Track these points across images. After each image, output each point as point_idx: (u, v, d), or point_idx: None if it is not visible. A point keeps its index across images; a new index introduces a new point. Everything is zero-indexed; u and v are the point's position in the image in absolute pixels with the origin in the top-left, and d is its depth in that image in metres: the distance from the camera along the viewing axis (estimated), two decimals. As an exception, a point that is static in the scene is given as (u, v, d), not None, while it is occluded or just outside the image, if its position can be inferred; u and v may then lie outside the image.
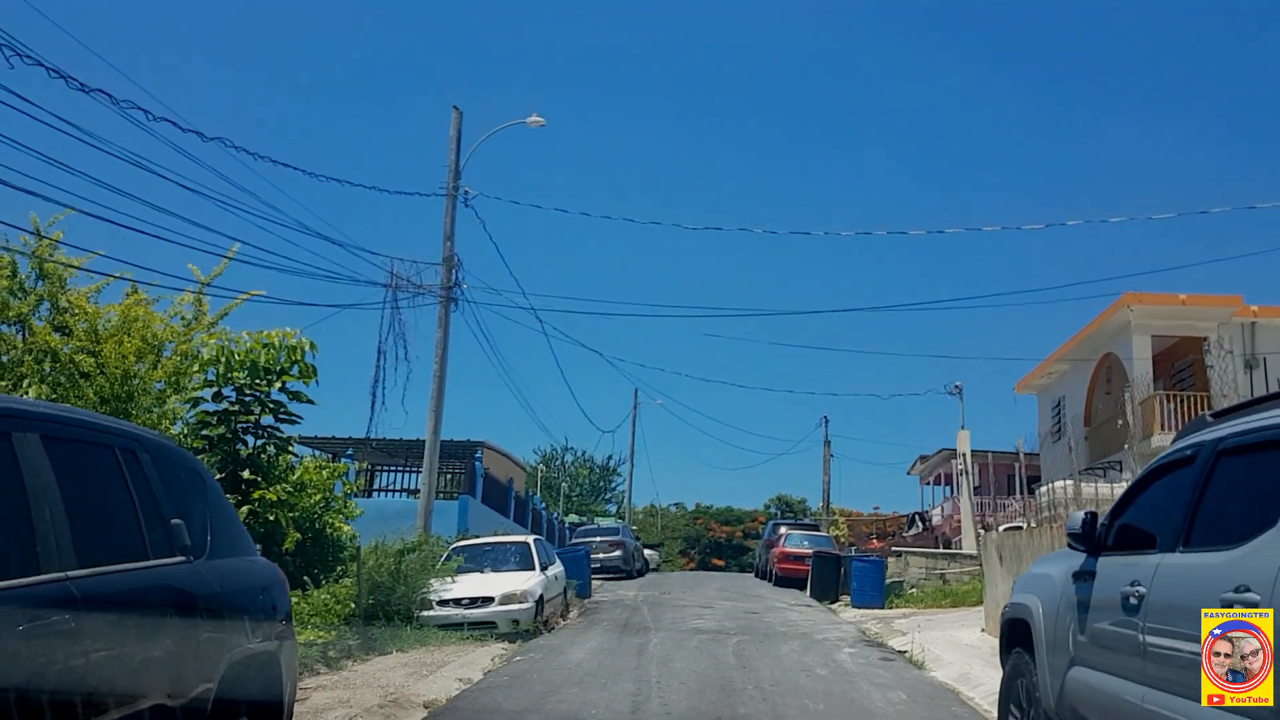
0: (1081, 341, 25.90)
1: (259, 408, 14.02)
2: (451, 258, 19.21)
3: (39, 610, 2.94)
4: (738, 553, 57.17)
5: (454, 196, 19.33)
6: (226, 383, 13.94)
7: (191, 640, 3.74)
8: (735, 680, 9.95)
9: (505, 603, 14.16)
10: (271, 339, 14.07)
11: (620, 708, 8.34)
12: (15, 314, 13.25)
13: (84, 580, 3.17)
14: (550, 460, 53.16)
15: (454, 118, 19.81)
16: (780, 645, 13.11)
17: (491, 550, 16.41)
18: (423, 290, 17.99)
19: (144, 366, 13.63)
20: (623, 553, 29.86)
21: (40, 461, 3.16)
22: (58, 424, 3.44)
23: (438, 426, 19.02)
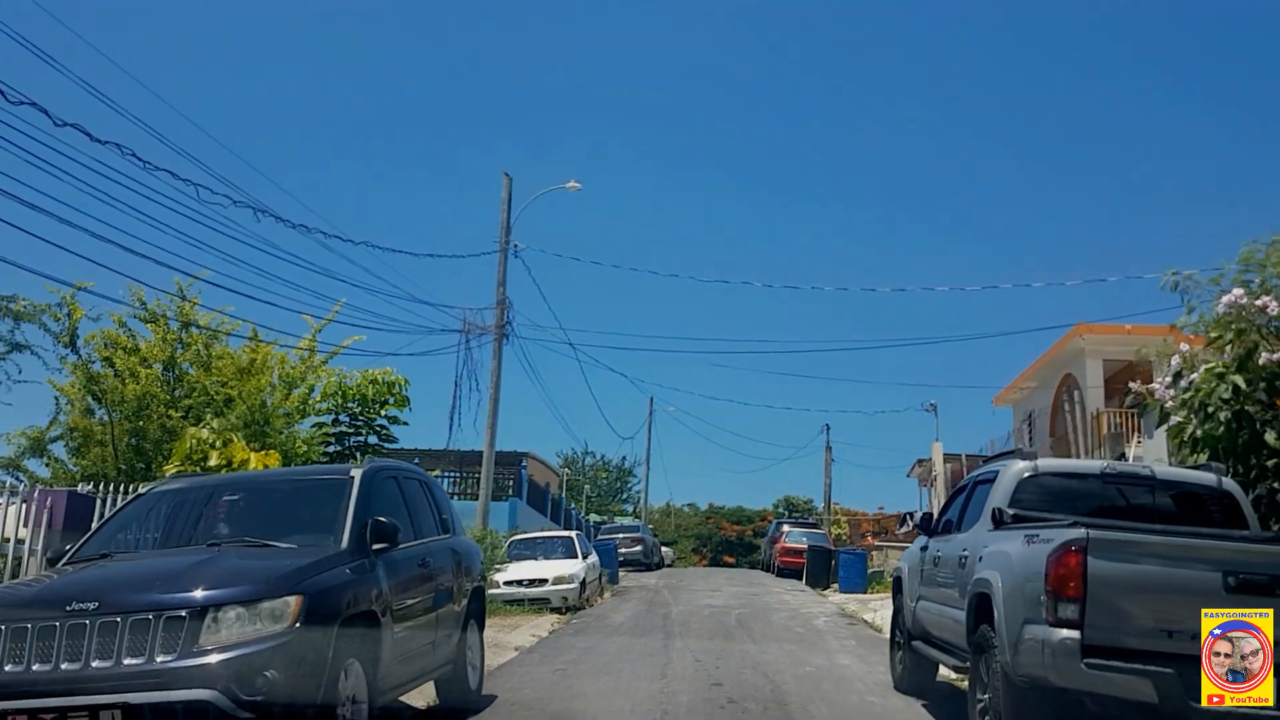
0: (1045, 364, 29.57)
1: (366, 430, 18.04)
2: (504, 301, 23.10)
3: (414, 555, 6.78)
4: (748, 550, 60.69)
5: (505, 250, 23.21)
6: (343, 410, 17.98)
7: (459, 575, 7.59)
8: (735, 633, 13.80)
9: (557, 583, 18.01)
10: (376, 376, 18.10)
11: (656, 645, 12.21)
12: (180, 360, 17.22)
13: (425, 544, 7.03)
14: (572, 463, 57.05)
15: (505, 183, 23.71)
16: (772, 615, 16.94)
17: (542, 542, 20.29)
18: (485, 331, 21.90)
19: (274, 397, 17.64)
20: (643, 547, 33.78)
21: (401, 492, 7.02)
22: (405, 473, 7.33)
23: (493, 440, 22.90)
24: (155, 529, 6.28)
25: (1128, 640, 5.21)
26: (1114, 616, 5.21)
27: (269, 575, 5.12)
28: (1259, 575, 5.21)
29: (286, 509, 6.39)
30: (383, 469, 6.99)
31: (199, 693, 4.60)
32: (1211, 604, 5.15)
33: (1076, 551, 5.24)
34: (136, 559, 5.79)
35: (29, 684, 4.64)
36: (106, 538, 6.19)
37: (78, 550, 6.06)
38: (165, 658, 4.67)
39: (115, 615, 4.74)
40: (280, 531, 5.99)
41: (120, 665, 4.65)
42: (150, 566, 5.48)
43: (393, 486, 6.93)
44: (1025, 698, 5.57)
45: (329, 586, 5.34)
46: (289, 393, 17.65)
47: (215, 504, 6.40)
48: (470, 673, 7.78)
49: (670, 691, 8.71)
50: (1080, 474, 7.30)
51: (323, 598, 5.20)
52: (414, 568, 6.60)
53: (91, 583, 5.12)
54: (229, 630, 4.79)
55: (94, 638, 4.68)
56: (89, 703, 4.56)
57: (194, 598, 4.85)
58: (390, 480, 6.95)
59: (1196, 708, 5.04)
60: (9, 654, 4.71)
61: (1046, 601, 5.31)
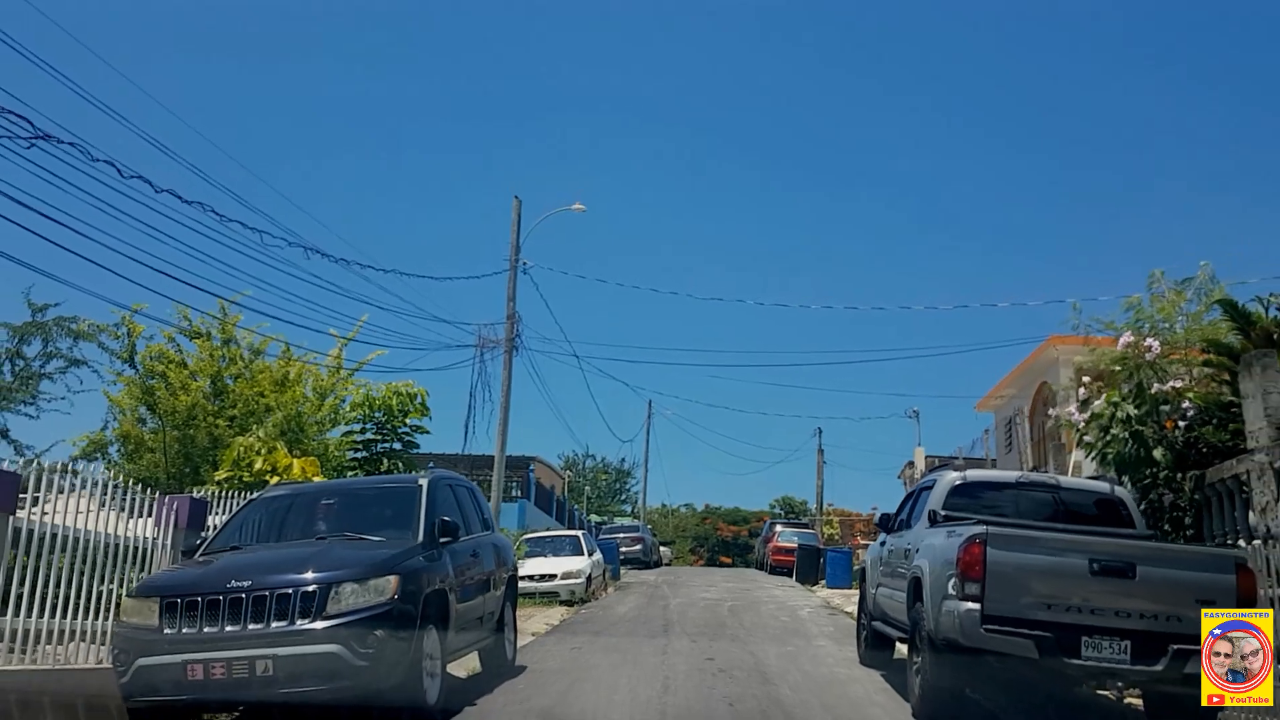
0: (1022, 372, 31.27)
1: (391, 437, 19.72)
2: (513, 315, 24.78)
3: (468, 547, 8.45)
4: (744, 550, 62.26)
5: (515, 268, 24.88)
6: (369, 420, 19.66)
7: (499, 565, 9.26)
8: (727, 621, 15.50)
9: (566, 578, 19.70)
10: (399, 388, 19.80)
11: (655, 630, 13.90)
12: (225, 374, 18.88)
13: (475, 539, 8.71)
14: (573, 465, 58.75)
15: (515, 205, 25.40)
16: (761, 607, 18.64)
17: (552, 541, 22.00)
18: (496, 344, 23.59)
19: (307, 407, 19.31)
20: (642, 546, 35.51)
21: (456, 497, 8.70)
22: (457, 481, 9.03)
23: (504, 445, 24.60)
24: (267, 527, 7.96)
25: (1017, 610, 6.89)
26: (1007, 593, 6.90)
27: (373, 560, 6.82)
28: (1114, 562, 6.91)
29: (372, 510, 8.08)
30: (442, 478, 8.69)
31: (327, 647, 6.28)
32: (1080, 585, 6.86)
33: (979, 543, 6.93)
34: (264, 549, 7.47)
35: (202, 642, 6.32)
36: (230, 534, 7.88)
37: (210, 544, 7.75)
38: (302, 622, 6.35)
39: (264, 590, 6.42)
40: (369, 528, 7.68)
41: (269, 627, 6.33)
42: (281, 554, 7.16)
43: (449, 492, 8.62)
44: (944, 657, 7.27)
45: (415, 569, 7.03)
46: (321, 403, 19.33)
47: (315, 506, 8.09)
48: (507, 646, 9.49)
49: (670, 664, 10.41)
50: (999, 483, 9.03)
51: (411, 578, 6.89)
52: (468, 557, 8.29)
53: (241, 566, 6.80)
54: (347, 601, 6.47)
55: (249, 607, 6.36)
56: (249, 655, 6.24)
57: (321, 577, 6.53)
58: (447, 487, 8.65)
59: (1067, 662, 6.75)
60: (187, 618, 6.39)
61: (957, 582, 7.00)
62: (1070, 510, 8.54)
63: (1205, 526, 9.11)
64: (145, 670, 6.30)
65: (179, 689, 6.29)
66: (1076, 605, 6.88)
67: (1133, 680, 7.04)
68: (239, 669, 6.22)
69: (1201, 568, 7.06)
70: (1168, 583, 6.93)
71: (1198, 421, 9.09)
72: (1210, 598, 6.80)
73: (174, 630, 6.35)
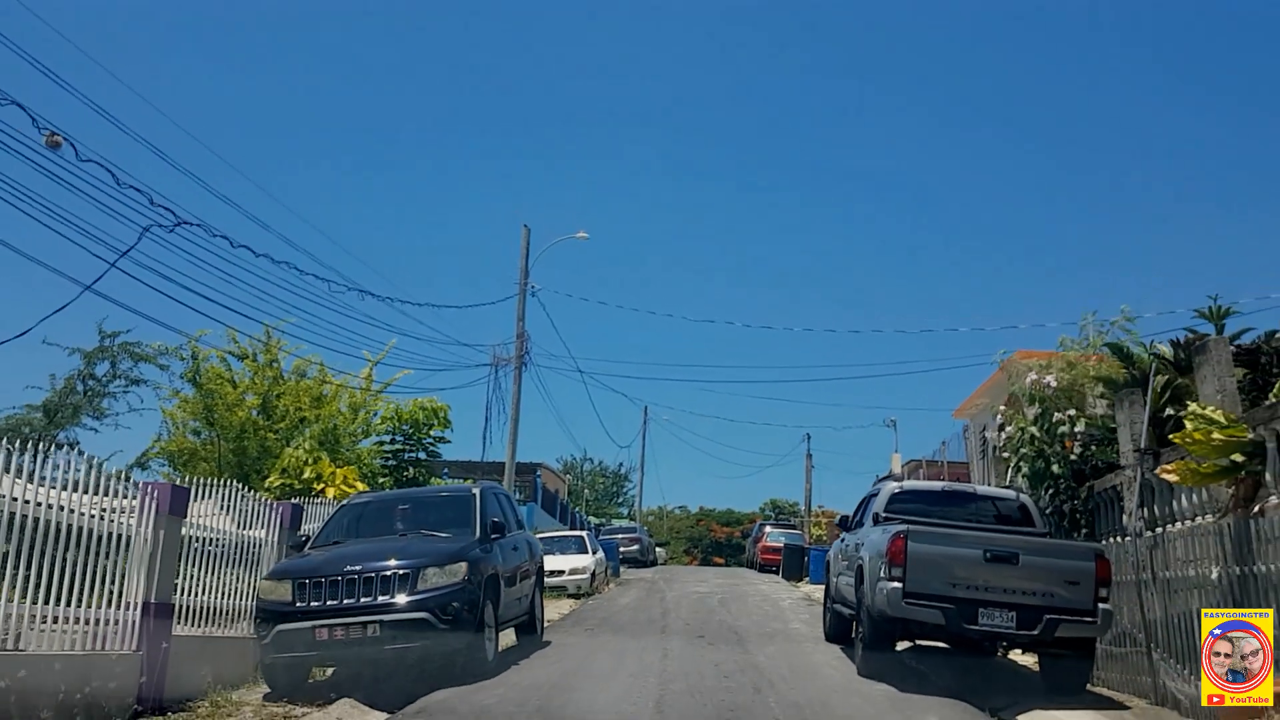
0: (994, 384, 33.63)
1: (417, 447, 22.00)
2: (523, 334, 27.06)
3: (510, 542, 10.69)
4: (737, 551, 64.41)
5: (524, 291, 27.17)
6: (398, 432, 21.94)
7: (531, 556, 11.54)
8: (717, 610, 17.79)
9: (572, 574, 21.95)
10: (424, 404, 22.09)
11: (655, 616, 16.19)
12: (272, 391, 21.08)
13: (513, 535, 10.96)
14: (572, 469, 61.00)
15: (524, 233, 27.67)
16: (747, 599, 20.93)
17: (559, 540, 24.24)
18: (507, 362, 25.87)
19: (341, 420, 21.56)
20: (639, 546, 37.81)
21: (500, 502, 10.96)
22: (497, 489, 11.29)
23: (513, 454, 26.84)
24: (356, 526, 10.21)
25: (929, 588, 9.15)
26: (922, 575, 9.16)
27: (448, 550, 9.08)
28: (1002, 551, 9.19)
29: (437, 512, 10.33)
30: (488, 488, 10.96)
31: (420, 614, 8.53)
32: (977, 569, 9.12)
33: (902, 537, 9.20)
34: (361, 543, 9.68)
35: (325, 614, 8.56)
36: (330, 532, 10.12)
37: (315, 539, 9.99)
38: (400, 596, 8.60)
39: (370, 573, 8.67)
40: (437, 526, 9.94)
41: (376, 600, 8.58)
42: (377, 547, 9.39)
43: (494, 498, 10.90)
44: (877, 624, 9.54)
45: (477, 558, 9.28)
46: (355, 416, 21.60)
47: (393, 510, 10.36)
48: (537, 623, 11.76)
49: (668, 641, 12.68)
50: (929, 490, 11.33)
51: (475, 565, 9.14)
52: (511, 551, 10.55)
53: (349, 556, 9.05)
54: (431, 580, 8.72)
55: (361, 585, 8.61)
56: (363, 620, 8.49)
57: (410, 563, 8.78)
58: (493, 494, 10.93)
59: (967, 628, 9.03)
60: (313, 594, 8.64)
61: (886, 566, 9.26)
62: (984, 513, 10.83)
63: (1097, 526, 11.44)
64: (283, 633, 8.56)
65: (309, 646, 8.55)
66: (975, 585, 9.15)
67: (1017, 642, 9.36)
68: (354, 631, 8.48)
69: (1069, 556, 9.37)
70: (1044, 568, 9.21)
71: (1090, 443, 11.40)
72: (1076, 579, 9.13)
73: (304, 603, 8.60)
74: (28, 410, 19.39)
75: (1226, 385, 8.62)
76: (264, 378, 20.76)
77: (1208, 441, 8.02)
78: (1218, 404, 8.48)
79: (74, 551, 7.20)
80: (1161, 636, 9.22)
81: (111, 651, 7.59)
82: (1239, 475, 8.05)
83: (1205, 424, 8.11)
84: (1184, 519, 9.28)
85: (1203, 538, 8.58)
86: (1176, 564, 9.05)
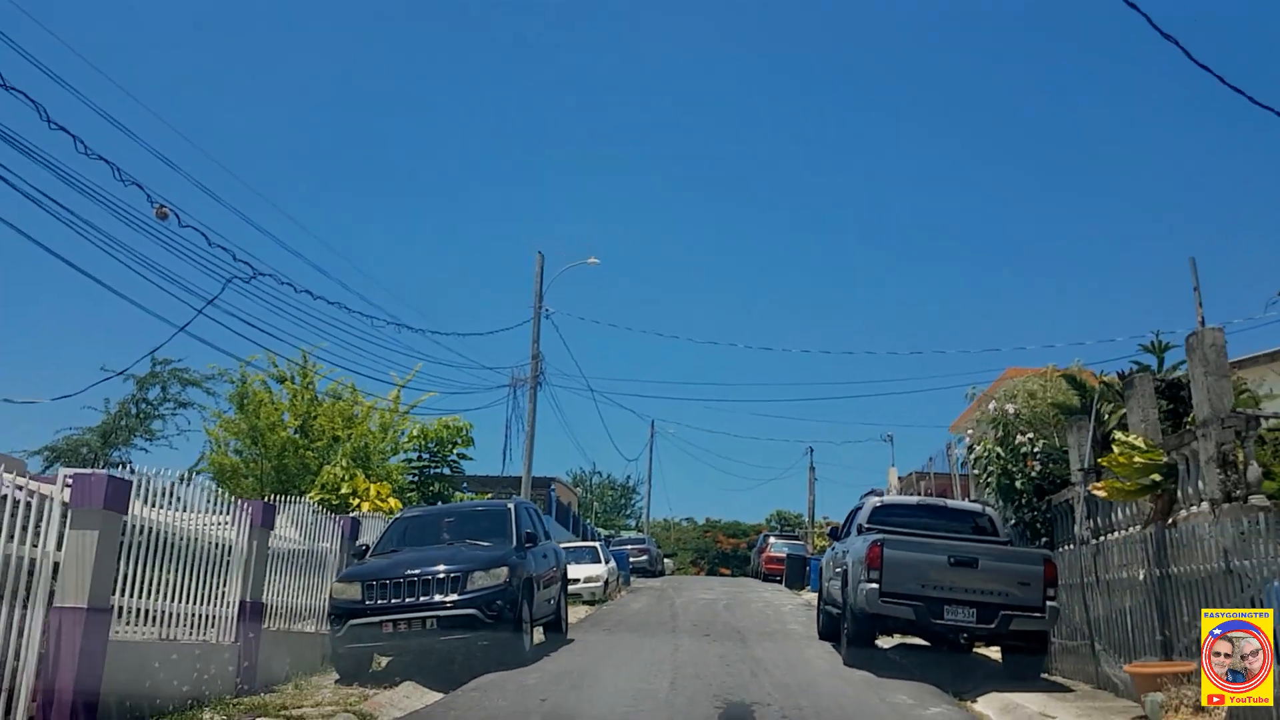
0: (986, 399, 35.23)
1: (442, 464, 23.59)
2: (538, 355, 28.69)
3: (541, 550, 12.27)
4: (743, 562, 65.54)
5: (538, 315, 28.82)
6: (424, 449, 23.53)
7: (557, 563, 13.11)
8: (721, 614, 19.34)
9: (587, 582, 23.50)
10: (448, 423, 23.68)
11: (665, 619, 17.76)
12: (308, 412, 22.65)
13: (543, 544, 12.54)
14: (581, 482, 62.53)
15: (538, 259, 29.33)
16: (750, 605, 22.47)
17: (575, 550, 25.76)
18: (523, 382, 27.51)
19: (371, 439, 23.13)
20: (648, 557, 39.41)
21: (531, 516, 12.56)
22: (529, 507, 12.89)
23: (530, 468, 28.44)
24: (409, 536, 11.80)
25: (902, 588, 10.70)
26: (895, 577, 10.71)
27: (492, 557, 10.67)
28: (964, 556, 10.74)
29: (479, 524, 11.92)
30: (520, 503, 12.56)
31: (469, 610, 10.10)
32: (943, 572, 10.67)
33: (878, 545, 10.76)
34: (416, 551, 11.24)
35: (390, 610, 10.14)
36: (387, 541, 11.71)
37: (375, 548, 11.58)
38: (452, 595, 10.18)
39: (427, 576, 10.25)
40: (479, 536, 11.52)
41: (433, 599, 10.15)
42: (430, 554, 10.95)
43: (526, 511, 12.49)
44: (859, 620, 11.10)
45: (515, 564, 10.86)
46: (384, 435, 23.19)
47: (440, 522, 11.96)
48: (562, 622, 13.33)
49: (678, 639, 14.24)
50: (905, 504, 12.90)
51: (515, 568, 10.72)
52: (541, 558, 12.13)
53: (408, 561, 10.63)
54: (478, 582, 10.29)
55: (420, 586, 10.19)
56: (422, 615, 10.07)
57: (460, 567, 10.36)
58: (524, 508, 12.52)
59: (934, 622, 10.59)
60: (380, 594, 10.21)
61: (865, 570, 10.81)
62: (953, 524, 12.38)
63: (1055, 535, 12.99)
64: (355, 627, 10.15)
65: (376, 638, 10.14)
66: (941, 585, 10.70)
67: (976, 635, 10.90)
68: (415, 625, 10.07)
69: (1022, 561, 10.93)
70: (1000, 571, 10.77)
71: (1049, 461, 12.96)
72: (1027, 581, 10.68)
73: (372, 601, 10.19)
74: (85, 432, 21.04)
75: (1149, 415, 10.17)
76: (302, 399, 22.35)
77: (1130, 464, 9.60)
78: (1142, 431, 10.05)
79: (193, 561, 8.80)
80: (1103, 631, 10.79)
81: (220, 642, 9.18)
82: (1158, 492, 9.62)
83: (1129, 449, 9.70)
84: (1120, 529, 10.83)
85: (1132, 545, 10.16)
86: (1113, 568, 10.63)
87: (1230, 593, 8.24)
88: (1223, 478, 8.57)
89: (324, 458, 21.51)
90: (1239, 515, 8.34)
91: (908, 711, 8.76)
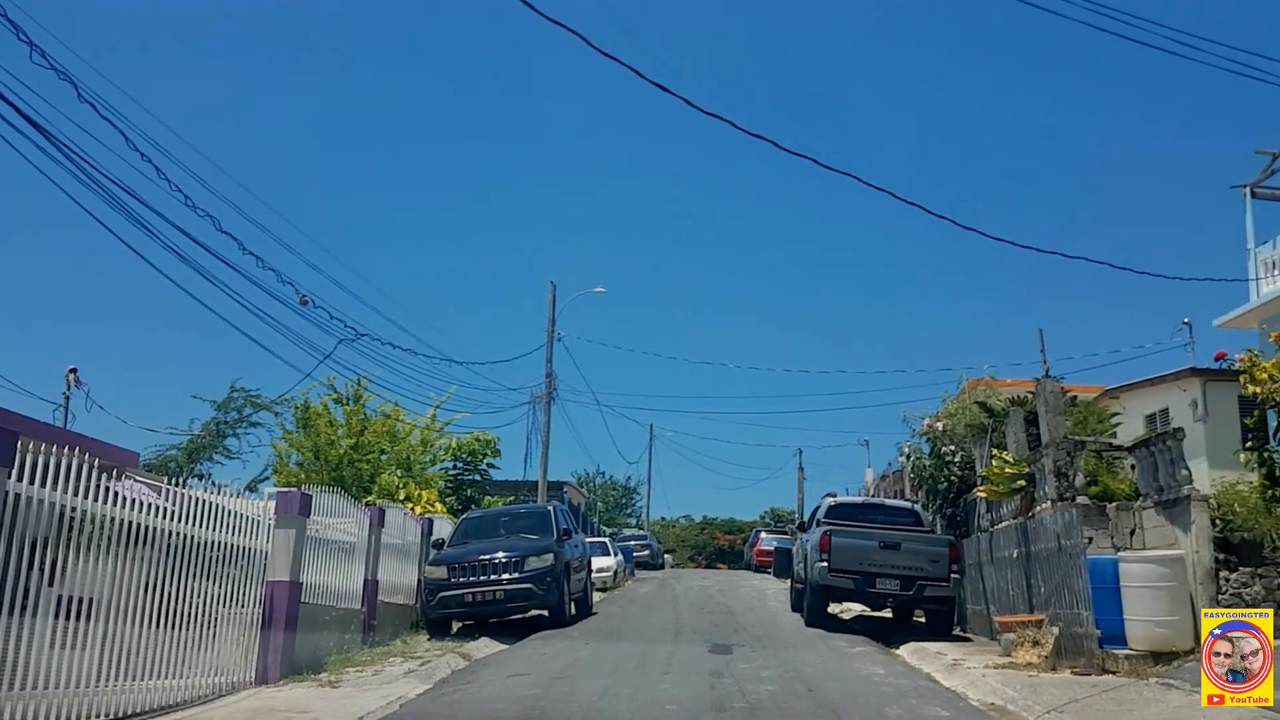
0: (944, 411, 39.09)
1: (473, 472, 27.35)
2: (551, 375, 32.46)
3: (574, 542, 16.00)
4: (739, 558, 68.89)
5: (551, 339, 32.58)
6: (457, 459, 27.28)
7: (584, 554, 16.79)
8: (715, 598, 23.12)
9: (599, 571, 27.10)
10: (479, 435, 27.44)
11: (668, 599, 21.56)
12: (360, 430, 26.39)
13: (574, 538, 16.28)
14: (584, 483, 66.30)
15: (550, 289, 33.12)
16: (740, 590, 26.24)
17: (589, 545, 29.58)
18: (539, 399, 31.31)
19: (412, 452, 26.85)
20: (650, 552, 43.32)
21: (565, 516, 16.32)
22: (564, 509, 16.66)
23: (545, 474, 32.21)
24: (473, 532, 15.50)
25: (845, 565, 14.41)
26: (841, 558, 14.42)
27: (541, 546, 14.41)
28: (890, 541, 14.45)
29: (527, 521, 15.64)
30: (557, 506, 16.34)
31: (526, 585, 13.88)
32: (875, 553, 14.39)
33: (828, 534, 14.50)
34: (480, 543, 14.91)
35: (468, 585, 13.87)
36: (459, 535, 15.43)
37: (449, 541, 15.29)
38: (514, 574, 13.91)
39: (494, 560, 13.99)
40: (528, 531, 15.24)
41: (500, 577, 13.90)
42: (494, 544, 14.62)
43: (562, 512, 16.26)
44: (815, 590, 14.86)
45: (557, 550, 14.58)
46: (424, 448, 26.93)
47: (497, 521, 15.71)
48: (589, 599, 17.10)
49: (679, 612, 18.00)
50: (854, 502, 16.70)
51: (557, 555, 14.46)
52: (574, 548, 15.87)
53: (477, 550, 14.34)
54: (532, 565, 14.02)
55: (489, 568, 13.92)
56: (492, 589, 13.80)
57: (518, 553, 14.08)
58: (560, 509, 16.30)
59: (868, 591, 14.36)
60: (460, 574, 13.93)
61: (819, 553, 14.54)
62: (890, 518, 16.13)
63: (970, 526, 16.75)
64: (443, 597, 13.88)
65: (459, 605, 13.88)
66: (874, 563, 14.43)
67: (899, 600, 14.67)
68: (486, 595, 13.82)
69: (933, 544, 14.71)
70: (917, 552, 14.51)
71: (966, 468, 16.71)
72: (937, 559, 14.45)
73: (455, 579, 13.93)
74: (173, 449, 24.74)
75: (1020, 438, 13.94)
76: (356, 418, 26.08)
77: (1003, 473, 13.36)
78: (1014, 449, 13.82)
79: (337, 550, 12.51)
80: (995, 597, 14.56)
81: (354, 608, 12.90)
82: (1022, 494, 13.38)
83: (1003, 462, 13.46)
84: (1006, 520, 14.60)
85: (1009, 532, 13.92)
86: (1000, 549, 14.41)
87: (1062, 563, 12.03)
88: (1058, 484, 12.31)
89: (375, 468, 25.22)
90: (1068, 510, 12.12)
91: (842, 649, 12.54)
